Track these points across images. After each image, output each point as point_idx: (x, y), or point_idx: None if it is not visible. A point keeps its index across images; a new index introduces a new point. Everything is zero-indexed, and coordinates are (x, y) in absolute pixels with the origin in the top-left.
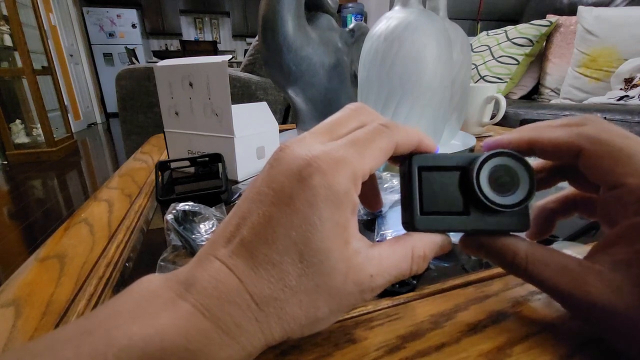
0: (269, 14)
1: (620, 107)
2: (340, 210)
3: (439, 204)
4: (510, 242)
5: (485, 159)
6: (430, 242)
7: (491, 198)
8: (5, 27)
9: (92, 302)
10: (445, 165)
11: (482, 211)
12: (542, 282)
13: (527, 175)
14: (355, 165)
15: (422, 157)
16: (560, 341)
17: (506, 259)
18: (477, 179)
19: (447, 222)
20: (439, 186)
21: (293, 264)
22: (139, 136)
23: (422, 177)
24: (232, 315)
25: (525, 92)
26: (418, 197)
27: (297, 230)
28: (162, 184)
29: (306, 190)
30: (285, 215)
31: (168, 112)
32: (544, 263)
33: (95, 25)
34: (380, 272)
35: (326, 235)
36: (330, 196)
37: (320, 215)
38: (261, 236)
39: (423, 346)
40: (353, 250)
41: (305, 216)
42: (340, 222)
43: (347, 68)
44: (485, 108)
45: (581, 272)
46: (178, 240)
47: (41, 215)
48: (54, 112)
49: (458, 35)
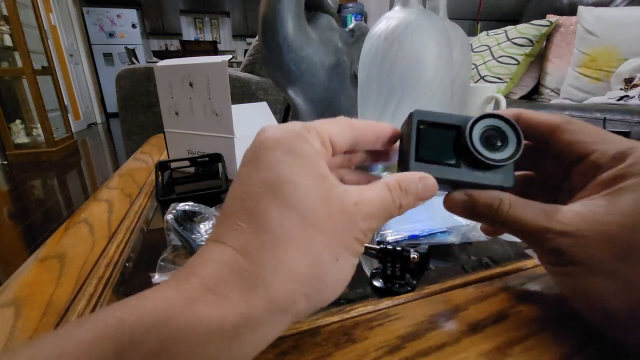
0: (269, 14)
1: (620, 107)
2: (303, 150)
3: (433, 154)
4: (496, 192)
5: (479, 119)
6: (404, 175)
7: (481, 152)
8: (5, 27)
9: (92, 302)
10: (442, 122)
11: (472, 166)
12: (520, 222)
13: (514, 136)
14: (307, 124)
15: (422, 112)
16: (560, 341)
17: (493, 206)
18: (470, 134)
19: (439, 171)
20: (434, 140)
21: (270, 204)
22: (139, 136)
23: (420, 130)
24: (218, 274)
25: (525, 92)
26: (415, 145)
27: (266, 174)
28: (162, 184)
29: (268, 143)
30: (254, 169)
31: (168, 112)
32: (522, 207)
33: (95, 25)
34: (364, 199)
35: (296, 169)
36: (290, 138)
37: (286, 156)
38: (236, 197)
39: (423, 346)
40: (329, 182)
41: (271, 161)
42: (306, 160)
43: (347, 68)
44: (485, 108)
45: (554, 209)
46: (178, 240)
47: (41, 215)
48: (54, 112)
49: (458, 35)
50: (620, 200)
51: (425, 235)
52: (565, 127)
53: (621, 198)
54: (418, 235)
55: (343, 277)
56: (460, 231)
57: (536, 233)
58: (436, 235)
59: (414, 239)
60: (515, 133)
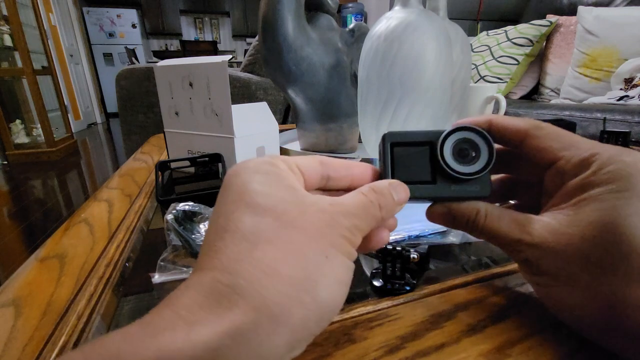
0: (269, 14)
1: (620, 107)
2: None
3: (409, 174)
4: (472, 203)
5: (449, 133)
6: (374, 182)
7: (453, 167)
8: (5, 27)
9: (92, 302)
10: (414, 140)
11: (448, 180)
12: (495, 233)
13: (486, 146)
14: (272, 156)
15: (394, 134)
16: (560, 341)
17: (470, 217)
18: (441, 150)
19: (417, 190)
20: (409, 159)
21: (242, 214)
22: (139, 136)
23: (394, 151)
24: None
25: (525, 92)
26: (390, 167)
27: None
28: (162, 184)
29: (237, 171)
30: (225, 195)
31: (168, 112)
32: (497, 217)
33: (95, 25)
34: (338, 201)
35: (266, 182)
36: (258, 163)
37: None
38: (211, 223)
39: (423, 346)
40: (300, 192)
41: (240, 182)
42: (275, 176)
43: (347, 68)
44: (485, 108)
45: (526, 220)
46: (178, 240)
47: (41, 215)
48: (54, 112)
49: (458, 35)
50: (582, 212)
51: (425, 235)
52: (534, 132)
53: (582, 210)
54: (418, 235)
55: (338, 277)
56: (460, 231)
57: (509, 244)
58: (436, 235)
59: (414, 239)
60: (486, 143)
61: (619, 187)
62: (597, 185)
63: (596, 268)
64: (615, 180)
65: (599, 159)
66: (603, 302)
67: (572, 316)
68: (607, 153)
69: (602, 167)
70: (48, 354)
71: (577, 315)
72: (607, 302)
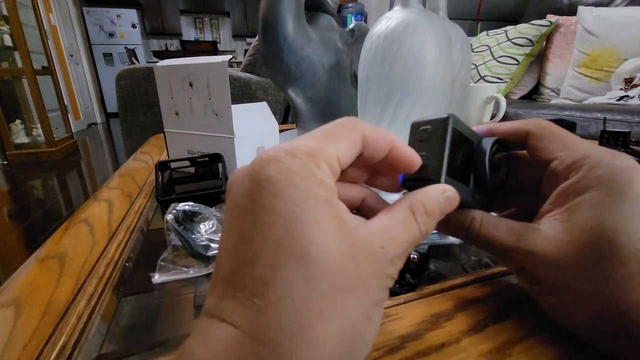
0: (269, 14)
1: (620, 107)
2: (316, 192)
3: (455, 172)
4: (469, 210)
5: (494, 144)
6: (428, 195)
7: (492, 179)
8: (5, 27)
9: (92, 302)
10: (465, 135)
11: (477, 186)
12: (491, 241)
13: (505, 161)
14: (313, 148)
15: (457, 119)
16: (560, 341)
17: (465, 223)
18: (490, 160)
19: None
20: (457, 153)
21: (293, 274)
22: (139, 136)
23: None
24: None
25: (525, 92)
26: (447, 161)
27: (277, 230)
28: (162, 184)
29: (269, 184)
30: (258, 222)
31: (168, 112)
32: (493, 225)
33: (95, 25)
34: (390, 240)
35: (312, 219)
36: (297, 177)
37: (297, 206)
38: (237, 258)
39: (423, 346)
40: (350, 226)
41: (279, 211)
42: (321, 206)
43: (347, 68)
44: (485, 108)
45: (522, 229)
46: (178, 240)
47: (41, 215)
48: (54, 112)
49: (458, 35)
50: (576, 219)
51: None
52: (536, 131)
53: (576, 216)
54: None
55: (374, 334)
56: None
57: (505, 252)
58: (436, 236)
59: None
60: (506, 157)
61: (610, 192)
62: (588, 190)
63: (594, 274)
64: (606, 185)
65: (590, 162)
66: (603, 307)
67: (573, 322)
68: (598, 156)
69: (592, 170)
70: (48, 354)
71: (577, 320)
72: (607, 306)
